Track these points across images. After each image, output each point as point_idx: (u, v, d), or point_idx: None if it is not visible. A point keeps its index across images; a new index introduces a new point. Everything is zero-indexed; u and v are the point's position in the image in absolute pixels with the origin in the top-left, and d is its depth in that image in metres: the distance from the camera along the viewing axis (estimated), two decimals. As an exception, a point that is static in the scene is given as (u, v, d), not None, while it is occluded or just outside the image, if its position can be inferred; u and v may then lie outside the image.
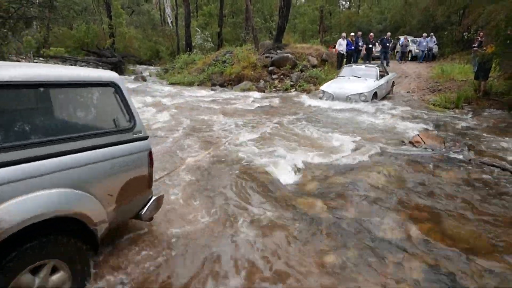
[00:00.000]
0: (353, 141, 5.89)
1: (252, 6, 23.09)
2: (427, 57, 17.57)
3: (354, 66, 11.51)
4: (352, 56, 15.30)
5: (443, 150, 5.39)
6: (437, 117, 7.81)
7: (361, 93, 9.35)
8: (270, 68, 14.50)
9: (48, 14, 20.23)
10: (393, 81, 11.54)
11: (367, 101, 9.29)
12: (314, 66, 14.51)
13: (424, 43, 17.16)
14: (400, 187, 4.03)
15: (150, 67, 27.11)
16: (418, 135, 6.11)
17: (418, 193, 3.87)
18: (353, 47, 14.85)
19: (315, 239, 2.97)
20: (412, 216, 3.36)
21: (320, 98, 10.17)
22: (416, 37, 18.92)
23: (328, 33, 31.66)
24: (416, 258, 2.68)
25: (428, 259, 2.68)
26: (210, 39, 22.98)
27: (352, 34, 15.51)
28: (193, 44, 23.32)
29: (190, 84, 15.50)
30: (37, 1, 11.74)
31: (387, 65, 16.35)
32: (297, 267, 2.58)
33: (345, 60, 15.21)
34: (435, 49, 17.76)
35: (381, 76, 10.46)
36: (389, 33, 17.01)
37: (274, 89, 13.24)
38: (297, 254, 2.75)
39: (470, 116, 8.44)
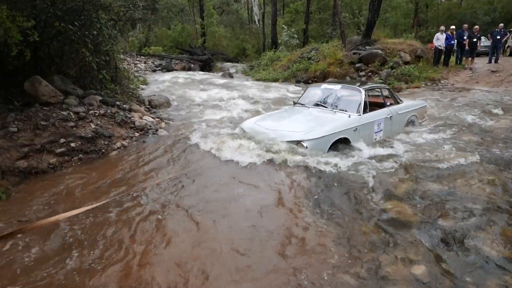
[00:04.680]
0: (452, 142, 5.35)
1: (340, 1, 22.42)
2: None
3: (324, 86, 6.40)
4: (452, 51, 13.90)
5: None
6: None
7: (299, 142, 4.77)
8: (358, 65, 13.93)
9: (150, 16, 22.40)
10: (415, 115, 6.48)
11: (316, 155, 4.62)
12: (406, 63, 13.53)
13: None
14: (507, 199, 3.54)
15: (236, 64, 28.26)
16: (535, 140, 5.29)
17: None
18: (452, 42, 13.47)
19: (402, 246, 2.78)
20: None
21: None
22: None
23: (424, 27, 29.27)
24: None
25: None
26: (296, 36, 22.96)
27: (453, 27, 14.08)
28: (279, 41, 23.58)
29: (275, 80, 15.76)
30: (141, 4, 13.18)
31: (496, 61, 14.53)
32: (381, 274, 2.45)
33: (443, 56, 13.93)
34: None
35: (375, 108, 5.73)
36: (501, 24, 14.99)
37: (361, 87, 12.73)
38: (381, 261, 2.61)
39: None
